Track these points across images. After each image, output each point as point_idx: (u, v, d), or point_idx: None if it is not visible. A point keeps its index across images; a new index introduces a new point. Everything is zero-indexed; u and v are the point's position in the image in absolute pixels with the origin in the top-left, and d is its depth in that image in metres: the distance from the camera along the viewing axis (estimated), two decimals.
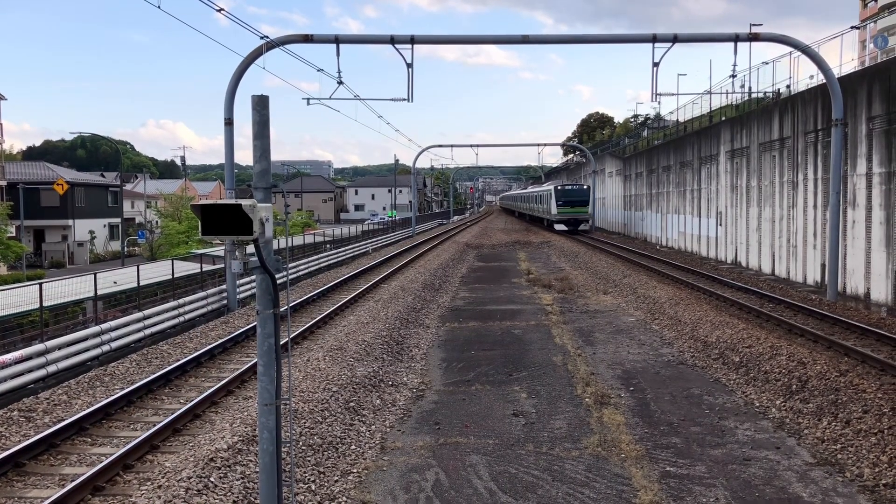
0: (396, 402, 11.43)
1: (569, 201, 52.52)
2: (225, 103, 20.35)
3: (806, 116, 23.83)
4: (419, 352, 14.98)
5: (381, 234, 54.31)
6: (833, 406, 10.19)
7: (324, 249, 37.65)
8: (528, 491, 7.98)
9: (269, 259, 5.70)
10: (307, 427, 9.58)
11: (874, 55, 25.73)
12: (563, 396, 11.54)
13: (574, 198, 52.73)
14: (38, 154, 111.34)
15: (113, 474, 8.81)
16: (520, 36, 21.82)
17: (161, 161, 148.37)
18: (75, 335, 14.54)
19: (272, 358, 5.88)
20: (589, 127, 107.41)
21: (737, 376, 12.50)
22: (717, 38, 21.86)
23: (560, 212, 52.65)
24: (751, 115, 29.21)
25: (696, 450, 9.18)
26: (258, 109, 5.77)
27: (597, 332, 16.76)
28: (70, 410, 11.53)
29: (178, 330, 18.08)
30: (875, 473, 8.16)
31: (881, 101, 19.25)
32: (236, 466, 8.33)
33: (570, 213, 52.37)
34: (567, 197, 52.87)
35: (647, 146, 51.50)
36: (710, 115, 37.35)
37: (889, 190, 18.83)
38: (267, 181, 5.82)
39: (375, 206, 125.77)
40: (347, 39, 21.22)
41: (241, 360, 14.99)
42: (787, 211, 25.20)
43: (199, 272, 23.29)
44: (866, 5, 55.75)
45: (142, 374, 13.82)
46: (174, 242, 49.51)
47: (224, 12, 17.36)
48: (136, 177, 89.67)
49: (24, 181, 50.80)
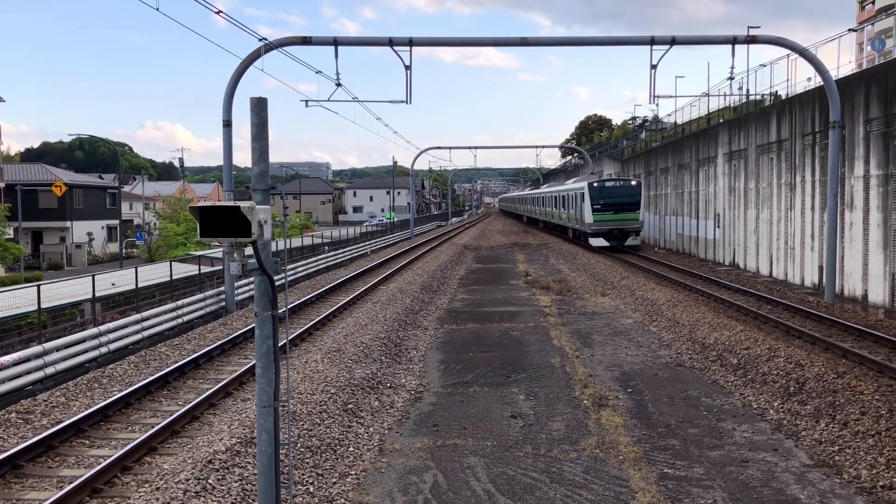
0: (395, 404, 11.43)
1: (611, 204, 37.07)
2: (223, 105, 20.37)
3: (803, 119, 23.87)
4: (417, 354, 14.98)
5: (379, 236, 54.32)
6: (831, 408, 10.20)
7: (322, 251, 37.65)
8: (526, 493, 7.98)
9: (268, 261, 5.70)
10: (305, 429, 9.58)
11: (871, 58, 25.78)
12: (562, 398, 11.55)
13: (618, 198, 37.20)
14: (36, 156, 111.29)
15: (111, 476, 8.81)
16: (518, 38, 21.87)
17: (159, 163, 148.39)
18: (73, 337, 14.54)
19: (270, 360, 5.88)
20: (587, 129, 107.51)
21: (735, 378, 12.51)
22: (715, 41, 21.91)
23: (598, 220, 37.21)
24: (748, 117, 29.26)
25: (694, 451, 9.18)
26: (256, 111, 5.78)
27: (595, 333, 16.77)
28: (68, 412, 11.53)
29: (177, 332, 18.07)
30: (872, 475, 8.17)
31: (878, 104, 19.30)
32: (234, 468, 8.33)
33: (614, 221, 36.89)
34: (608, 197, 37.30)
35: (644, 148, 51.49)
36: (708, 117, 37.41)
37: (886, 192, 18.86)
38: (265, 183, 5.82)
39: (374, 208, 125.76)
40: (346, 41, 21.25)
41: (239, 362, 14.98)
42: (785, 213, 25.23)
43: (197, 274, 23.28)
44: (864, 8, 55.88)
45: (140, 375, 13.82)
46: (172, 244, 49.50)
47: (223, 14, 17.38)
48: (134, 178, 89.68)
49: (22, 183, 50.77)
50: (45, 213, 54.41)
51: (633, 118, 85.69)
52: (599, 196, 37.46)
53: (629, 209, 37.10)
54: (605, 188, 37.97)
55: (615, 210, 37.01)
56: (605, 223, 37.08)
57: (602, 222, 37.18)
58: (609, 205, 37.07)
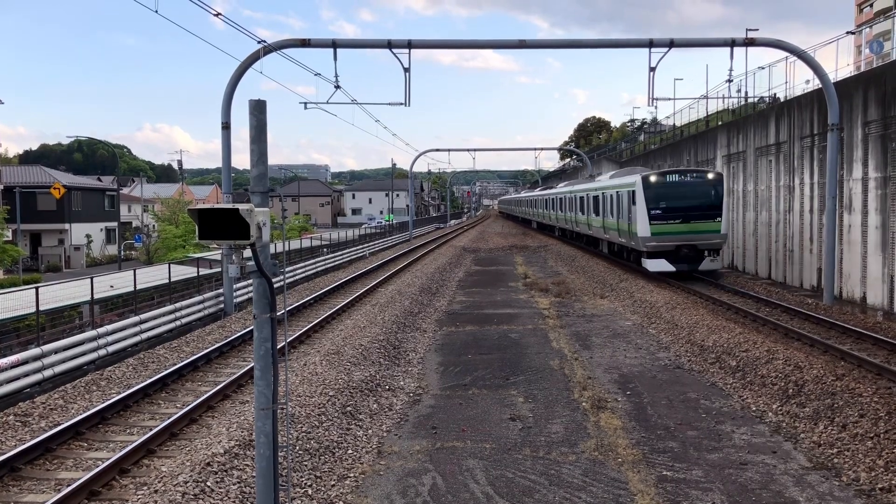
0: (393, 407, 11.42)
1: (678, 209, 25.09)
2: (222, 107, 20.36)
3: (802, 121, 23.89)
4: (416, 356, 14.97)
5: (378, 238, 54.30)
6: (829, 410, 10.20)
7: (321, 253, 37.62)
8: (525, 495, 7.98)
9: (266, 263, 5.70)
10: (304, 431, 9.57)
11: (870, 60, 25.81)
12: (560, 400, 11.54)
13: (689, 199, 25.19)
14: (34, 158, 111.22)
15: (109, 479, 8.80)
16: (517, 40, 21.88)
17: (158, 165, 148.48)
18: (72, 339, 14.52)
19: (269, 362, 5.87)
20: (586, 131, 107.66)
21: (733, 380, 12.51)
22: (714, 43, 21.93)
23: (658, 232, 25.03)
24: (747, 119, 29.29)
25: (692, 454, 9.18)
26: (255, 114, 5.78)
27: (594, 336, 16.76)
28: (66, 415, 11.51)
29: (175, 334, 18.05)
30: (871, 478, 8.17)
31: (877, 106, 19.32)
32: (233, 471, 8.32)
33: (683, 233, 24.89)
34: (673, 198, 25.25)
35: (643, 150, 51.51)
36: (707, 119, 37.44)
37: (885, 194, 18.88)
38: (264, 185, 5.82)
39: (373, 210, 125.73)
40: (345, 44, 21.24)
41: (237, 365, 14.97)
42: (784, 215, 25.24)
43: (195, 276, 23.26)
44: (862, 10, 56.02)
45: (138, 378, 13.80)
46: (171, 246, 49.44)
47: (221, 16, 17.39)
48: (132, 181, 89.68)
49: (20, 185, 50.73)
50: (43, 216, 54.37)
51: (632, 120, 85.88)
52: (659, 195, 25.00)
53: (706, 215, 24.77)
54: (668, 184, 25.25)
55: (684, 217, 24.72)
56: (670, 237, 24.63)
57: (665, 235, 24.66)
58: (675, 209, 24.80)
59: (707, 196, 25.06)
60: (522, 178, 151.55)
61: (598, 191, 33.21)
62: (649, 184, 25.34)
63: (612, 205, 29.80)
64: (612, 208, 29.80)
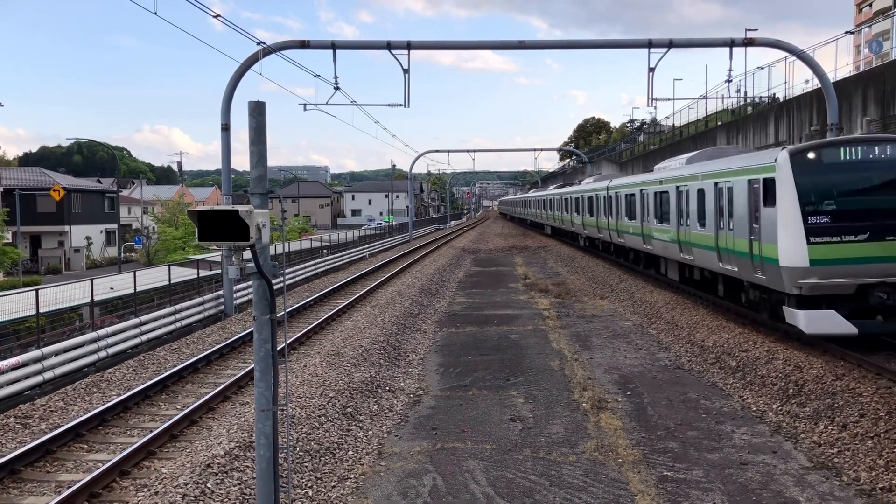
0: (394, 408, 11.42)
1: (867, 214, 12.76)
2: (221, 109, 20.35)
3: (801, 121, 23.89)
4: (416, 357, 14.97)
5: (377, 240, 54.33)
6: (829, 410, 10.20)
7: (321, 255, 37.63)
8: (525, 496, 7.98)
9: (266, 264, 5.71)
10: (304, 432, 9.57)
11: (869, 60, 25.82)
12: (561, 401, 11.54)
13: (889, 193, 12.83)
14: (34, 160, 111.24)
15: (109, 480, 8.80)
16: (516, 41, 21.86)
17: (158, 167, 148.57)
18: (72, 341, 14.52)
19: (269, 363, 5.88)
20: (585, 132, 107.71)
21: (733, 380, 12.51)
22: (713, 44, 21.90)
23: (824, 259, 12.75)
24: (746, 119, 29.31)
25: (693, 454, 9.18)
26: (255, 115, 5.79)
27: (594, 336, 16.76)
28: (66, 417, 11.51)
29: (175, 336, 18.05)
30: (872, 477, 8.17)
31: (876, 106, 19.33)
32: (233, 472, 8.32)
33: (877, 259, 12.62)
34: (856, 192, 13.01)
35: (643, 151, 51.55)
36: (706, 119, 37.48)
37: None
38: (264, 186, 5.83)
39: (372, 211, 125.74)
40: (344, 45, 21.23)
41: (237, 366, 14.97)
42: None
43: (195, 278, 23.26)
44: (861, 10, 56.04)
45: (138, 380, 13.80)
46: (171, 248, 49.54)
47: (220, 18, 17.39)
48: (132, 182, 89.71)
49: (20, 187, 50.75)
50: (43, 218, 54.38)
51: (631, 121, 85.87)
52: (826, 187, 13.10)
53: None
54: (842, 165, 13.18)
55: (877, 229, 12.83)
56: (848, 266, 12.80)
57: (836, 265, 12.85)
58: (859, 214, 12.95)
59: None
60: (522, 178, 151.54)
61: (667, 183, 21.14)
62: (807, 163, 13.20)
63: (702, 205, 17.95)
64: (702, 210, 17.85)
